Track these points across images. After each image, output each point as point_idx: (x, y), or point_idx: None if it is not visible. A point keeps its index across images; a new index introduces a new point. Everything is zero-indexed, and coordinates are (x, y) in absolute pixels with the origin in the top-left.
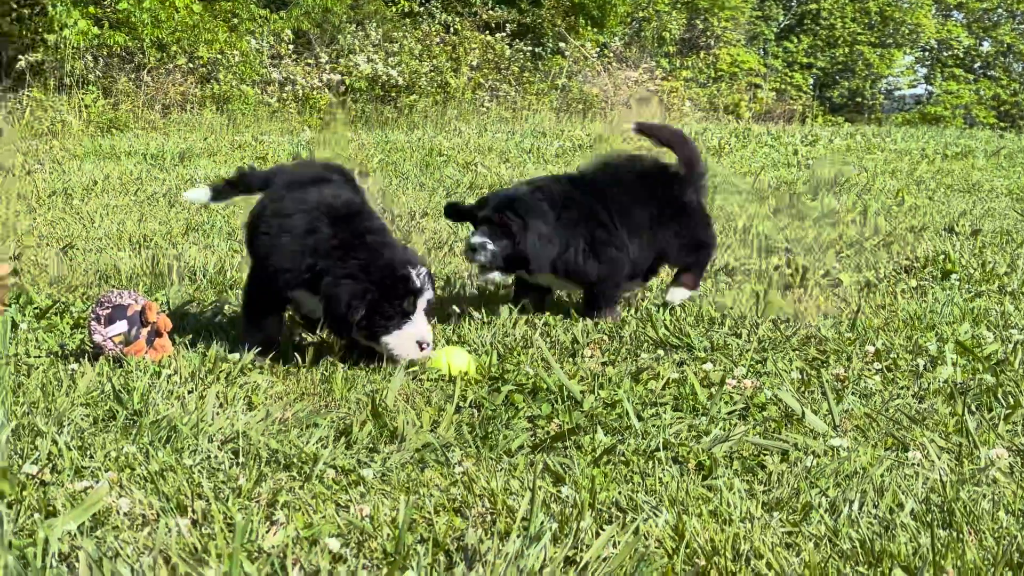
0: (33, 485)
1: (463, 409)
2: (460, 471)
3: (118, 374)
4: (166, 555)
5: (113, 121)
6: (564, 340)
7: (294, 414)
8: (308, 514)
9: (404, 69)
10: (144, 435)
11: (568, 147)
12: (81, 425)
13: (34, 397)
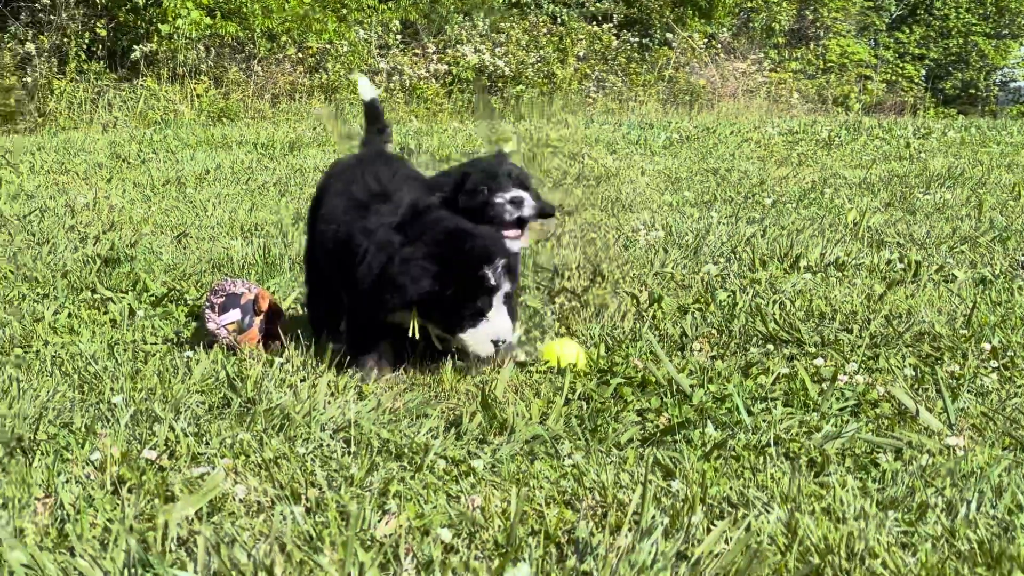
0: (152, 470)
1: (572, 401)
2: (570, 464)
3: (232, 362)
4: (281, 542)
5: (224, 110)
6: (673, 333)
7: (404, 404)
8: (419, 504)
9: (511, 59)
10: (258, 423)
11: (675, 139)
12: (197, 412)
13: (151, 384)
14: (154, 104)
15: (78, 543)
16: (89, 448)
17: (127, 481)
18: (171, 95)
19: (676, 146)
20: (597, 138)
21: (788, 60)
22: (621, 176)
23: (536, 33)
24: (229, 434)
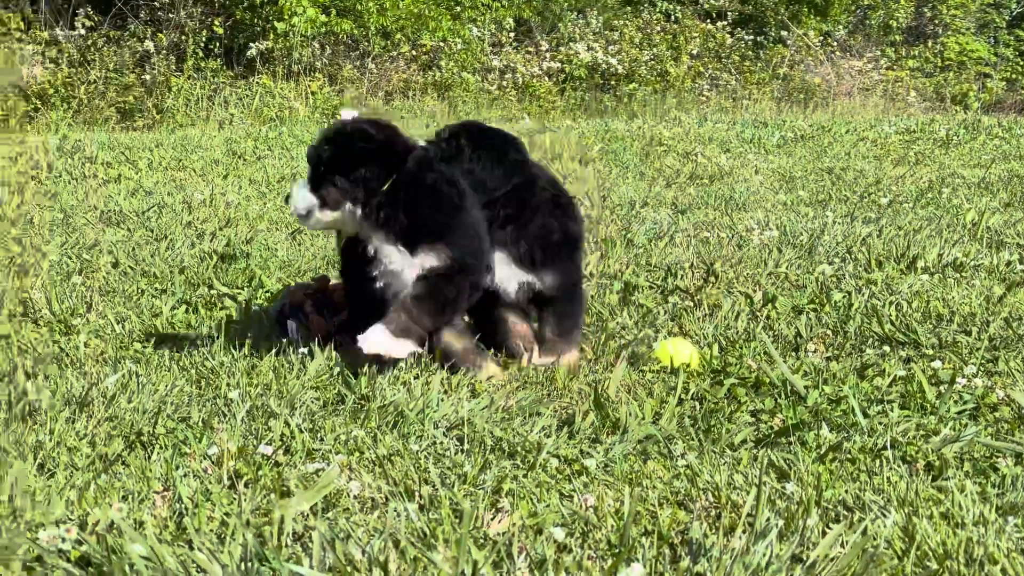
0: (268, 465)
1: (685, 401)
2: (683, 464)
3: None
4: (395, 539)
5: (338, 108)
6: (787, 334)
7: (517, 402)
8: (532, 502)
9: (624, 57)
10: (372, 419)
11: (790, 137)
12: (311, 408)
13: (266, 379)
14: (269, 101)
15: (196, 536)
16: (206, 443)
17: (243, 476)
18: (286, 92)
19: (790, 145)
20: (710, 137)
21: (905, 58)
22: (735, 175)
23: (649, 31)
24: (343, 430)
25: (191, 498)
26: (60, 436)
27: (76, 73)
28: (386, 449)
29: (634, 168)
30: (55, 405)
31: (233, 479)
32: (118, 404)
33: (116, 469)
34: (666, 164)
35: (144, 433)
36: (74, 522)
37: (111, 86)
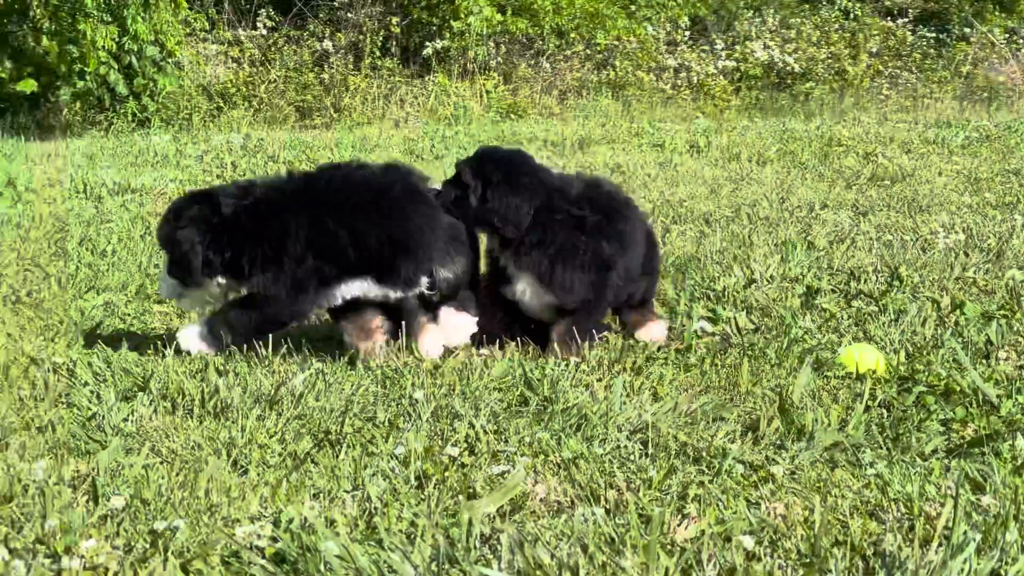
0: (454, 467)
1: (872, 409)
2: (872, 473)
3: (528, 360)
4: (583, 543)
5: (512, 107)
6: (977, 341)
7: (700, 407)
8: (719, 509)
9: (800, 56)
10: (555, 422)
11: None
12: (495, 409)
13: (450, 380)
14: (444, 100)
15: (386, 536)
16: (393, 442)
17: (431, 476)
18: (461, 91)
19: (975, 145)
20: (891, 137)
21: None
22: (917, 176)
23: (827, 29)
24: (527, 432)
25: (380, 497)
26: (251, 433)
27: (257, 72)
28: (570, 452)
29: (812, 169)
30: (245, 402)
31: (421, 479)
32: (306, 403)
33: (306, 467)
34: (845, 165)
35: (332, 432)
36: (268, 519)
37: (290, 85)
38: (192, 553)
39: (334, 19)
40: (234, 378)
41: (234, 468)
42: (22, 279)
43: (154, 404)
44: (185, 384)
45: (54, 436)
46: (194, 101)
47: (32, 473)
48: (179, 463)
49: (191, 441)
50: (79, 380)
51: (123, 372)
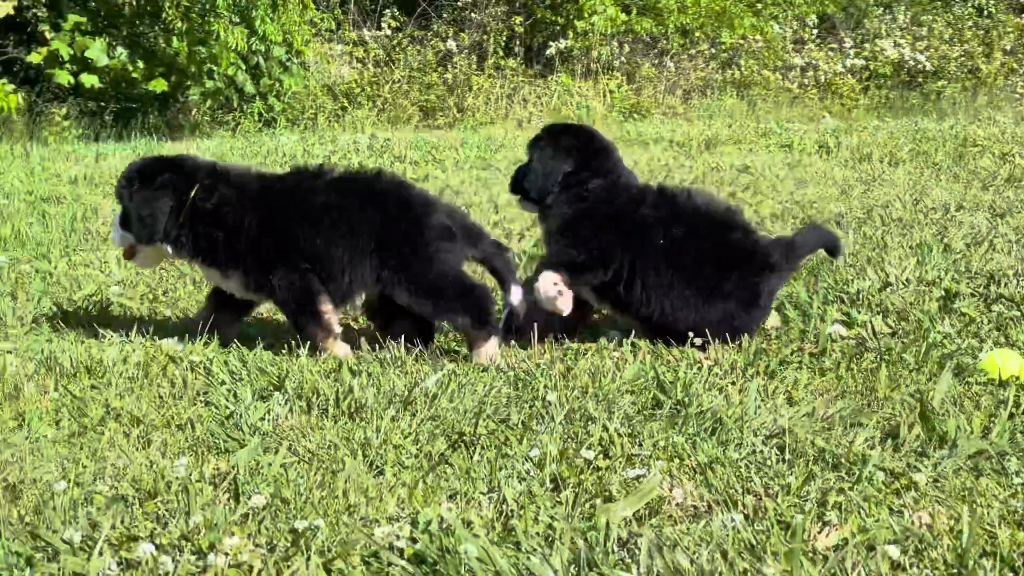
0: (589, 470)
1: (1016, 416)
2: (1019, 482)
3: (660, 363)
4: (723, 549)
5: (635, 107)
6: None
7: (837, 412)
8: (861, 517)
9: (932, 54)
10: (689, 426)
11: None
12: (628, 412)
13: (583, 382)
14: (567, 100)
15: (524, 538)
16: (527, 445)
17: (566, 479)
18: (584, 91)
19: None
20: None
21: None
22: None
23: (960, 26)
24: (662, 436)
25: (516, 500)
26: (386, 434)
27: (381, 72)
28: (706, 456)
29: (947, 170)
30: (380, 403)
31: (557, 481)
32: (439, 404)
33: (441, 469)
34: (981, 166)
35: (466, 433)
36: (406, 520)
37: (414, 85)
38: (333, 553)
39: (458, 19)
40: (367, 378)
41: (370, 468)
42: (158, 278)
43: (289, 403)
44: (320, 384)
45: (194, 434)
46: (319, 101)
47: (174, 470)
48: (316, 463)
49: (327, 441)
50: (216, 379)
51: (259, 371)
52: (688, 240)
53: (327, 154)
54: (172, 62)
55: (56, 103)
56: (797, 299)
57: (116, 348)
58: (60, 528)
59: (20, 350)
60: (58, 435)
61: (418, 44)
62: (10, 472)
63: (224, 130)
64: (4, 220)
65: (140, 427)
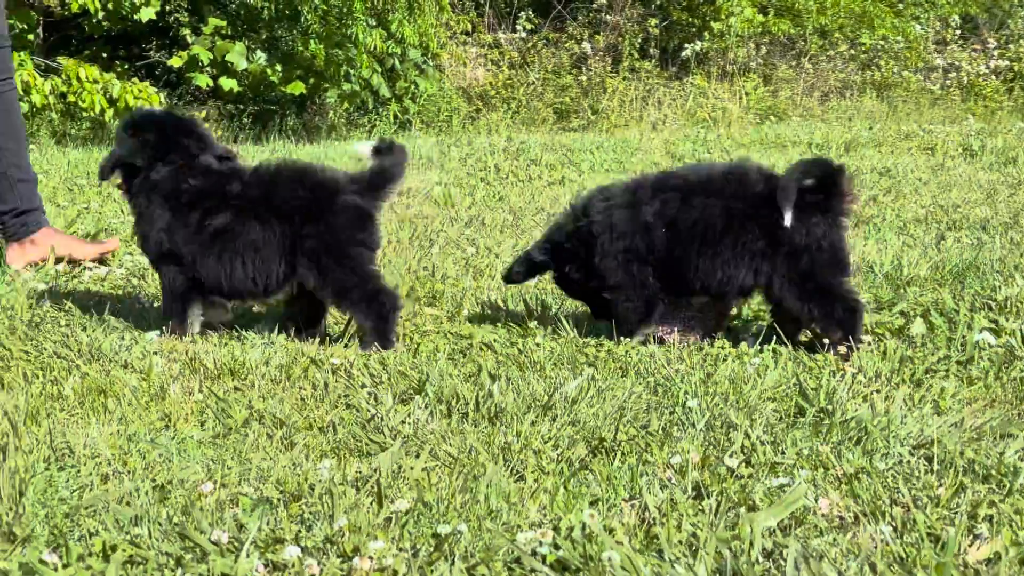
0: (732, 478)
1: None
2: None
3: (802, 370)
4: (871, 562)
5: (771, 108)
6: None
7: (986, 422)
8: (1013, 530)
9: None
10: (833, 434)
11: None
12: (770, 420)
13: (723, 389)
14: (703, 102)
15: (667, 547)
16: (668, 451)
17: (708, 486)
18: (719, 93)
19: None
20: None
21: None
22: None
23: None
24: (805, 445)
25: (658, 507)
26: (526, 439)
27: (516, 75)
28: (852, 466)
29: None
30: (519, 407)
31: (699, 490)
32: (579, 409)
33: (582, 475)
34: None
35: (606, 439)
36: (548, 525)
37: (548, 87)
38: (476, 558)
39: (593, 21)
40: (507, 383)
41: (510, 474)
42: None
43: (430, 407)
44: (460, 388)
45: (336, 436)
46: (453, 103)
47: (318, 472)
48: (458, 467)
49: (467, 445)
50: (356, 382)
51: (399, 375)
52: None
53: (463, 157)
54: (310, 65)
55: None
56: (943, 306)
57: (258, 350)
58: (207, 529)
59: (165, 351)
60: (203, 436)
61: (552, 47)
62: (159, 472)
63: (360, 132)
64: None
65: (283, 429)
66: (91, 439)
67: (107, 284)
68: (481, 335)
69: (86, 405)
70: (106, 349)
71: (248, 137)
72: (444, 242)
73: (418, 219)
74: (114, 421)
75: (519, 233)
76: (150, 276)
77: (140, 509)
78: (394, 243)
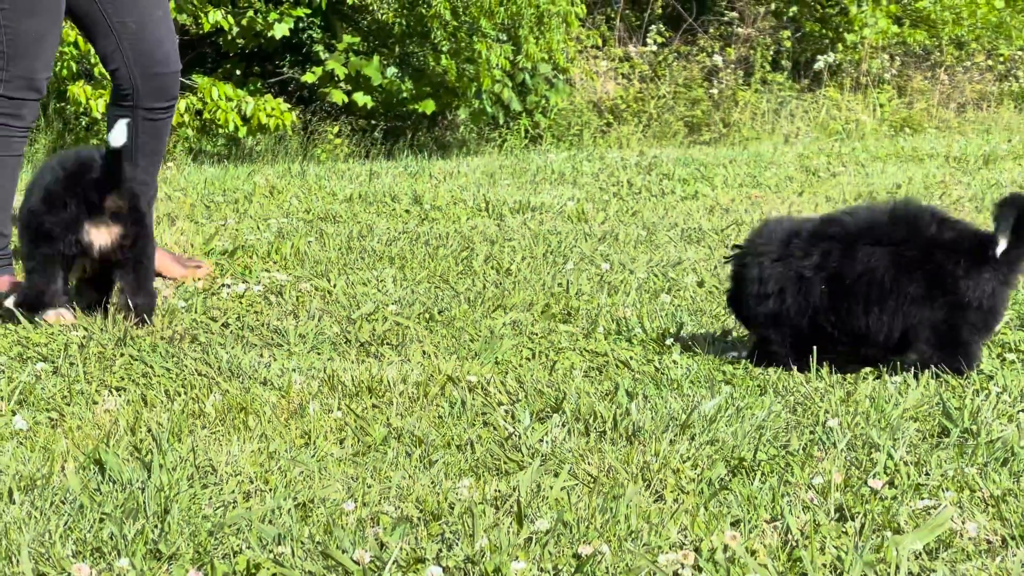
0: (875, 499)
1: None
2: None
3: (944, 389)
4: None
5: (906, 120)
6: None
7: None
8: None
9: None
10: (979, 455)
11: None
12: (913, 440)
13: (864, 408)
14: (836, 115)
15: (811, 569)
16: (809, 472)
17: (851, 508)
18: (852, 105)
19: None
20: None
21: None
22: None
23: None
24: (950, 466)
25: (800, 529)
26: (664, 458)
27: (647, 88)
28: (998, 488)
29: None
30: (657, 426)
31: (842, 511)
32: (717, 428)
33: (722, 495)
34: None
35: (746, 459)
36: (689, 547)
37: (679, 100)
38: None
39: (724, 34)
40: (644, 401)
41: (650, 493)
42: (433, 297)
43: (567, 426)
44: (596, 406)
45: (474, 455)
46: (584, 117)
47: (457, 491)
48: (597, 487)
49: (606, 464)
50: (494, 399)
51: (536, 392)
52: None
53: (595, 172)
54: (441, 81)
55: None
56: None
57: (395, 367)
58: (349, 548)
59: (303, 368)
60: (343, 454)
61: (684, 59)
62: (300, 490)
63: (491, 147)
64: (284, 238)
65: (421, 447)
66: (232, 456)
67: (244, 301)
68: (617, 352)
69: (227, 423)
70: (245, 367)
71: (380, 152)
72: (578, 258)
73: (552, 235)
74: (255, 439)
75: (653, 248)
76: (287, 293)
77: (283, 527)
78: (528, 259)
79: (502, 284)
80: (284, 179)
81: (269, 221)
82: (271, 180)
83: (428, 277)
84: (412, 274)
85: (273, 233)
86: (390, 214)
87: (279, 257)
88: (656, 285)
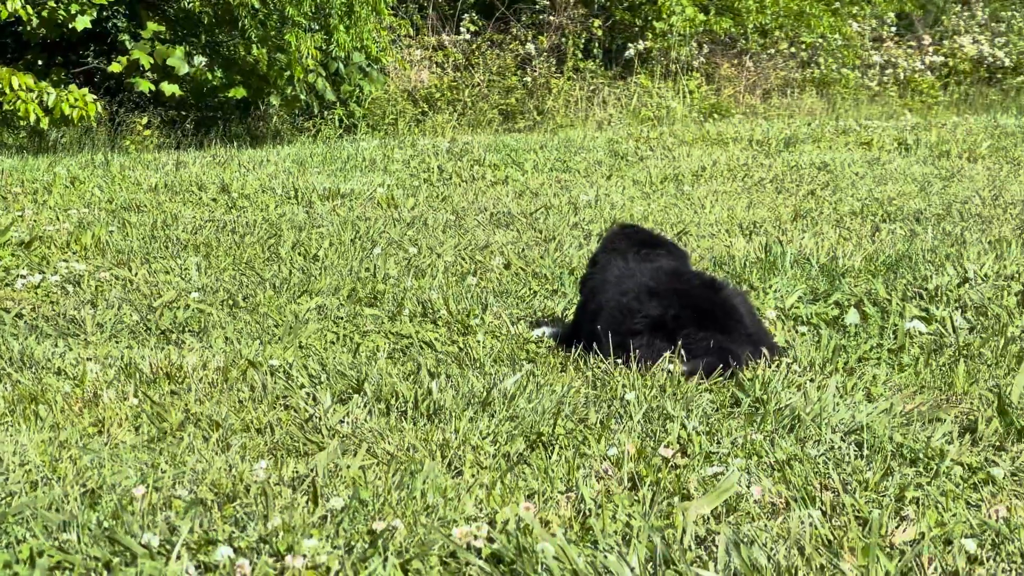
0: (666, 468)
1: None
2: None
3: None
4: (800, 546)
5: (715, 107)
6: None
7: (916, 407)
8: (938, 512)
9: (1011, 50)
10: (767, 423)
11: None
12: (706, 411)
13: (660, 381)
14: (647, 101)
15: (601, 537)
16: (605, 444)
17: (644, 477)
18: (663, 92)
19: None
20: None
21: None
22: None
23: None
24: (740, 434)
25: (594, 499)
26: (464, 435)
27: (461, 77)
28: (784, 453)
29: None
30: (458, 404)
31: (635, 480)
32: (517, 404)
33: (520, 469)
34: None
35: (544, 433)
36: (484, 520)
37: (494, 89)
38: (411, 553)
39: (537, 23)
40: (446, 380)
41: (448, 469)
42: (238, 284)
43: (368, 406)
44: (398, 386)
45: (273, 437)
46: (399, 106)
47: (253, 473)
48: (395, 465)
49: (406, 443)
50: (295, 382)
51: (338, 375)
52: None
53: (406, 159)
54: (252, 69)
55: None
56: (876, 296)
57: (196, 354)
58: (138, 532)
59: (100, 357)
60: (137, 440)
61: (497, 48)
62: (90, 478)
63: (305, 136)
64: (85, 228)
65: (219, 431)
66: (21, 447)
67: (40, 291)
68: (422, 334)
69: (16, 413)
70: (38, 356)
71: (191, 143)
72: (386, 243)
73: (361, 221)
74: (45, 428)
75: (462, 232)
76: (86, 282)
77: (68, 515)
78: (336, 244)
79: (309, 270)
80: (87, 170)
81: (69, 212)
82: (73, 171)
83: (233, 264)
84: (217, 262)
85: (73, 223)
86: (197, 203)
87: (79, 247)
88: (463, 268)
